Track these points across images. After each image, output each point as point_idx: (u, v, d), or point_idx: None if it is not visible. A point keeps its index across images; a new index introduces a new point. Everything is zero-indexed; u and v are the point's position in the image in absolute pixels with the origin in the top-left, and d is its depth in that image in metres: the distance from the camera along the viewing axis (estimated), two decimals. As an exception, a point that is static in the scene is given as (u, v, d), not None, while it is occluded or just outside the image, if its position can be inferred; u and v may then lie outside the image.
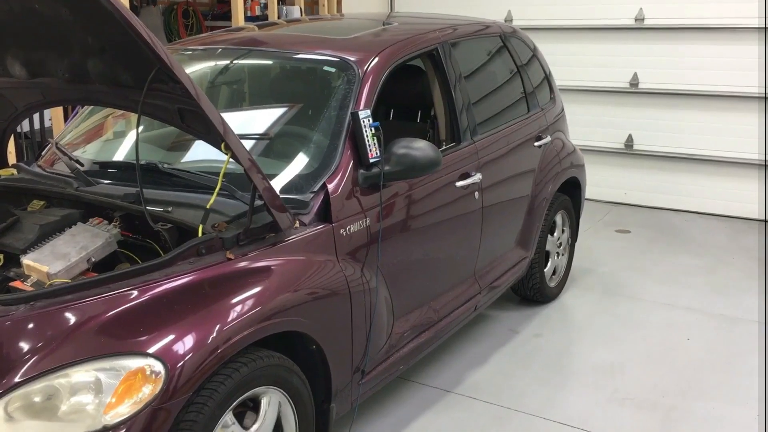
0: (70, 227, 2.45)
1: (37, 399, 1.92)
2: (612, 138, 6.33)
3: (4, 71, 2.54)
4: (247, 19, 6.06)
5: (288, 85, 3.25)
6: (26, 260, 2.30)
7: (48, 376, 1.94)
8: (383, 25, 3.63)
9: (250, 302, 2.24)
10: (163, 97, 2.27)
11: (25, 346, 2.00)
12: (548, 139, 4.13)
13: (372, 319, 2.73)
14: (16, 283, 2.29)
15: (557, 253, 4.32)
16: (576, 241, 4.57)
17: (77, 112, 4.61)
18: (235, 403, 2.18)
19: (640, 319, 4.13)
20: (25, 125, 4.81)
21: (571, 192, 4.39)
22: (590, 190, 5.02)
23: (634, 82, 6.15)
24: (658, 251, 5.20)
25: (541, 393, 3.35)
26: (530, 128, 3.99)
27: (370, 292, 2.71)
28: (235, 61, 3.27)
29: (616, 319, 4.12)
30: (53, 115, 4.94)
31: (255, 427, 2.28)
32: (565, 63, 6.19)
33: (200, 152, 2.86)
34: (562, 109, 4.50)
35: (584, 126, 6.23)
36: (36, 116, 5.10)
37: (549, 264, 4.24)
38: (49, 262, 2.26)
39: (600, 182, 6.17)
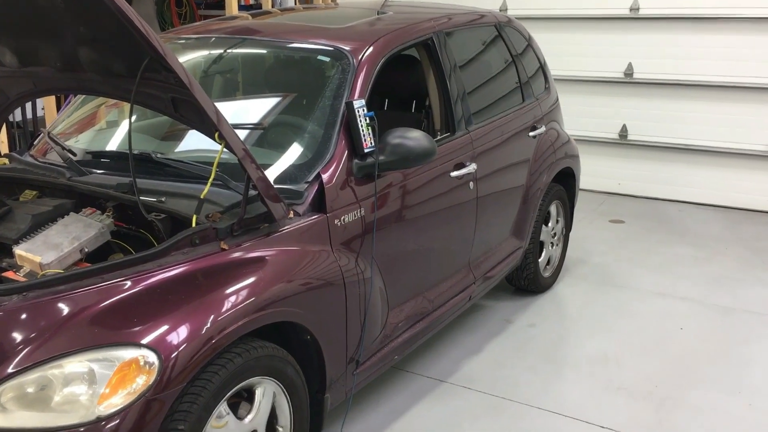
0: (63, 217, 2.43)
1: (30, 390, 1.92)
2: (606, 128, 6.33)
3: (-6, 60, 2.52)
4: (241, 8, 6.02)
5: (282, 74, 3.23)
6: (18, 250, 2.29)
7: (41, 366, 1.93)
8: (378, 14, 3.61)
9: (244, 293, 2.23)
10: (156, 87, 2.26)
11: (17, 336, 1.99)
12: (543, 129, 4.12)
13: (366, 309, 2.72)
14: (9, 274, 2.28)
15: (551, 243, 4.32)
16: (570, 231, 4.58)
17: (70, 101, 4.58)
18: (229, 394, 2.18)
19: (634, 309, 4.14)
20: (17, 114, 4.78)
21: (566, 182, 4.39)
22: (584, 180, 5.01)
23: (629, 72, 6.14)
24: (652, 241, 5.21)
25: (535, 382, 3.36)
26: (525, 118, 3.98)
27: (364, 283, 2.70)
28: (228, 50, 3.25)
29: (610, 309, 4.13)
30: (46, 105, 4.91)
31: (249, 417, 2.28)
32: (560, 53, 6.17)
33: (194, 142, 2.84)
34: (557, 99, 4.50)
35: (579, 116, 6.22)
36: (28, 105, 5.06)
37: (543, 254, 4.24)
38: (42, 252, 2.25)
39: (594, 172, 6.16)
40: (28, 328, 2.00)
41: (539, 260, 4.19)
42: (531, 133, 4.00)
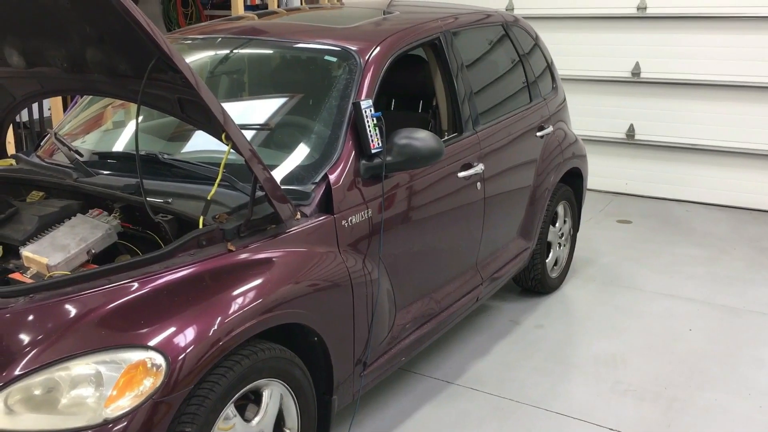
0: (70, 219, 2.43)
1: (37, 392, 1.91)
2: (613, 128, 6.30)
3: (1, 61, 2.51)
4: (247, 8, 6.02)
5: (289, 74, 3.23)
6: (26, 252, 2.28)
7: (48, 368, 1.93)
8: (384, 14, 3.59)
9: (251, 294, 2.22)
10: (163, 87, 2.25)
11: (25, 338, 1.98)
12: (550, 129, 4.10)
13: (374, 310, 2.71)
14: (16, 275, 2.27)
15: (559, 243, 4.30)
16: (578, 231, 4.56)
17: (76, 102, 4.57)
18: (236, 396, 2.17)
19: (642, 309, 4.12)
20: (23, 115, 4.78)
21: (573, 182, 4.37)
22: (591, 180, 5.01)
23: (636, 71, 6.12)
24: (659, 241, 5.18)
25: (542, 384, 3.34)
26: (532, 118, 3.96)
27: (371, 284, 2.69)
28: (235, 51, 3.24)
29: (618, 310, 4.11)
30: (52, 105, 4.91)
31: (257, 419, 2.27)
32: (567, 52, 6.15)
33: (200, 142, 2.83)
34: (564, 99, 4.48)
35: (586, 116, 6.20)
36: (35, 106, 5.06)
37: (551, 255, 4.22)
38: (49, 253, 2.24)
39: (601, 172, 6.14)
40: (34, 330, 1.99)
41: (546, 261, 4.17)
42: (538, 133, 3.98)
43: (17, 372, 1.92)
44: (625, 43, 6.13)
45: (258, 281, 2.27)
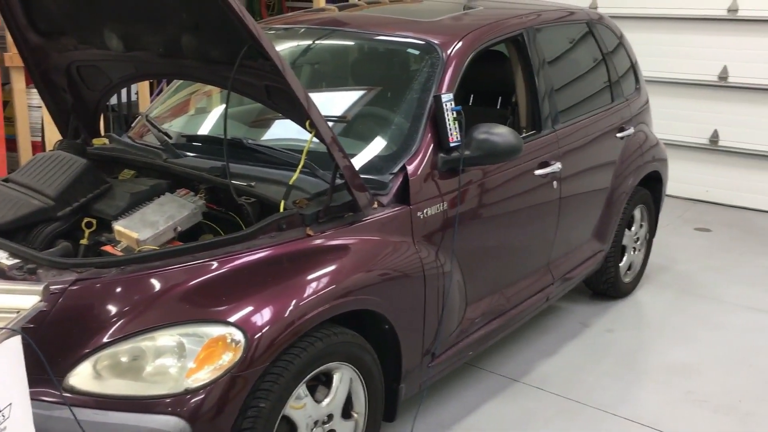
0: (159, 197, 2.53)
1: (123, 359, 2.02)
2: (696, 132, 6.10)
3: (101, 44, 2.63)
4: (329, 0, 6.10)
5: (370, 66, 3.27)
6: (117, 226, 2.39)
7: (135, 337, 2.03)
8: (464, 9, 3.59)
9: (326, 279, 2.28)
10: (252, 74, 2.32)
11: (114, 308, 2.09)
12: (631, 130, 4.02)
13: (445, 302, 2.73)
14: (107, 248, 2.39)
15: (633, 248, 4.21)
16: (654, 236, 4.44)
17: (162, 88, 4.74)
18: (309, 376, 2.23)
19: (719, 320, 3.99)
20: (112, 98, 4.97)
21: (652, 186, 4.26)
22: (670, 186, 4.85)
23: (724, 75, 5.90)
24: (740, 252, 5.00)
25: (611, 389, 3.29)
26: (613, 119, 3.89)
27: (444, 276, 2.70)
28: (318, 41, 3.30)
29: (693, 319, 3.99)
30: (140, 90, 5.10)
31: (326, 401, 2.33)
32: (652, 53, 5.96)
33: (282, 129, 2.91)
34: (647, 101, 4.37)
35: (668, 119, 6.01)
36: (123, 90, 5.24)
37: (625, 259, 4.14)
38: (139, 229, 2.35)
39: (681, 178, 5.94)
40: (123, 301, 2.10)
41: (620, 265, 4.09)
42: (619, 135, 3.91)
43: (106, 339, 2.03)
44: (714, 46, 5.91)
45: (333, 267, 2.32)
